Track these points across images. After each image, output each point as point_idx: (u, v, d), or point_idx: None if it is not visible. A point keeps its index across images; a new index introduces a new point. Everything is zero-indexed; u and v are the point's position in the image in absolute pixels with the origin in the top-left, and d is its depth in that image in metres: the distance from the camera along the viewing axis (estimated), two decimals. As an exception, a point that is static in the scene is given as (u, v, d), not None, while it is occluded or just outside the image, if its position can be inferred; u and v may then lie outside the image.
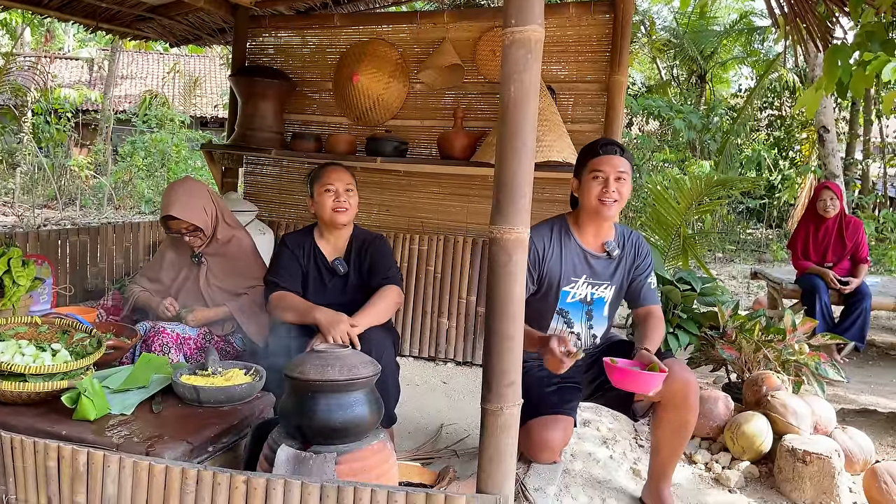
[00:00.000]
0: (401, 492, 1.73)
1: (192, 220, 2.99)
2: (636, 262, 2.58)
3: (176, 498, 1.85)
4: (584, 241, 2.54)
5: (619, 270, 2.56)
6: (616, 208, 2.43)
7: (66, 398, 2.19)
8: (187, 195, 3.04)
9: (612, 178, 2.40)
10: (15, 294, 3.11)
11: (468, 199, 4.46)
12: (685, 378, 2.35)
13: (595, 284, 2.55)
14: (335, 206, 2.87)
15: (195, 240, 3.06)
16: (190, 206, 3.00)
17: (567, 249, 2.52)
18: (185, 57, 20.12)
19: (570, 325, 2.58)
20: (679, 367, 2.37)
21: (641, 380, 2.24)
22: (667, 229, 5.62)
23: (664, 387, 2.31)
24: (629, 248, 2.58)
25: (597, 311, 2.58)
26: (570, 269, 2.52)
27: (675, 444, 2.46)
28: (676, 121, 11.46)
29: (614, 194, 2.40)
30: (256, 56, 4.93)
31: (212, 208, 3.10)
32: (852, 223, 5.24)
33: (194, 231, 3.03)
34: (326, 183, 2.88)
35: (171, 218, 2.99)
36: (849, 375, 3.77)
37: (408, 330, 4.37)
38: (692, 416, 2.40)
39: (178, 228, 3.02)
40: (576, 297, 2.55)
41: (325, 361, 2.02)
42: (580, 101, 4.17)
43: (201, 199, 3.06)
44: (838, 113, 13.42)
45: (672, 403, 2.37)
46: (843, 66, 2.82)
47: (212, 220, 3.09)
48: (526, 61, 1.64)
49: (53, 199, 12.06)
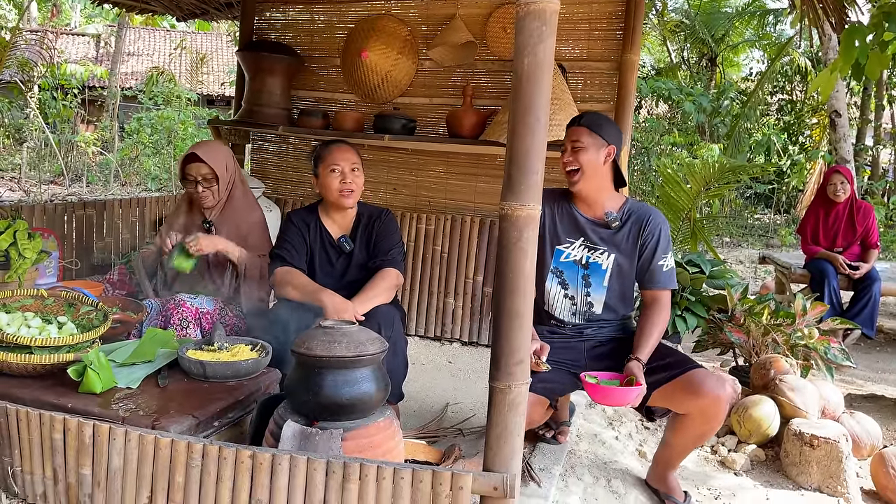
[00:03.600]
0: (407, 468, 1.72)
1: (213, 165, 2.95)
2: (643, 236, 2.48)
3: (181, 472, 1.85)
4: (581, 208, 2.52)
5: (619, 239, 2.48)
6: (578, 177, 2.44)
7: (71, 371, 2.19)
8: (214, 147, 3.08)
9: (569, 148, 2.45)
10: (21, 266, 3.11)
11: (476, 178, 4.43)
12: (717, 395, 2.25)
13: (592, 248, 2.49)
14: (341, 188, 2.82)
15: (207, 194, 2.99)
16: (214, 154, 2.99)
17: (562, 211, 2.53)
18: (191, 34, 20.02)
19: (566, 286, 2.52)
20: (708, 380, 2.27)
21: (617, 395, 2.24)
22: (676, 212, 5.57)
23: (693, 400, 2.27)
24: (633, 220, 2.48)
25: (594, 277, 2.50)
26: (565, 229, 2.51)
27: (689, 447, 2.45)
28: (686, 104, 11.35)
29: (572, 163, 2.44)
30: (264, 31, 4.88)
31: (233, 169, 3.08)
32: (863, 208, 5.18)
33: (210, 181, 2.98)
34: (332, 163, 2.82)
35: (192, 161, 2.95)
36: (856, 361, 3.75)
37: (414, 309, 4.35)
38: (716, 427, 2.33)
39: (196, 175, 2.96)
40: (570, 257, 2.51)
41: (332, 337, 2.01)
42: (591, 81, 4.11)
43: (226, 155, 3.07)
44: (850, 98, 13.27)
45: (700, 418, 2.31)
46: (861, 46, 2.77)
47: (230, 179, 3.05)
48: (541, 33, 1.60)
49: (60, 175, 12.06)
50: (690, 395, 2.27)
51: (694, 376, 2.29)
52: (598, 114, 2.51)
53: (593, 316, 2.54)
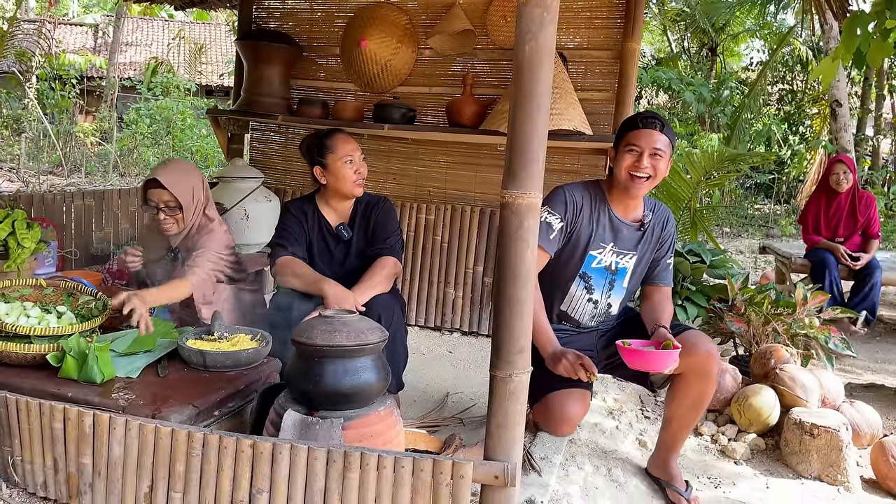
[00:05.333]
0: (408, 457, 1.72)
1: (176, 194, 2.74)
2: (662, 236, 2.52)
3: (182, 461, 1.85)
4: (617, 210, 2.49)
5: (643, 242, 2.50)
6: (647, 185, 2.37)
7: (51, 357, 2.19)
8: (181, 171, 2.83)
9: (646, 154, 2.34)
10: (19, 256, 3.10)
11: (476, 168, 4.41)
12: (708, 349, 2.31)
13: (620, 253, 2.50)
14: (356, 178, 2.84)
15: (170, 222, 2.80)
16: (180, 181, 2.77)
17: (599, 213, 2.47)
18: (190, 24, 19.93)
19: (591, 290, 2.52)
20: (701, 338, 2.33)
21: (656, 359, 2.20)
22: (676, 202, 5.56)
23: (685, 358, 2.28)
24: (657, 220, 2.51)
25: (619, 281, 2.53)
26: (599, 234, 2.47)
27: (689, 417, 2.44)
28: (686, 94, 11.30)
29: (647, 170, 2.34)
30: (263, 20, 4.85)
31: (200, 194, 2.85)
32: (865, 197, 5.17)
33: (174, 209, 2.78)
34: (345, 154, 2.82)
35: (154, 186, 2.76)
36: (857, 351, 3.75)
37: (414, 299, 4.35)
38: (711, 387, 2.36)
39: (158, 201, 2.77)
40: (601, 262, 2.50)
41: (333, 327, 2.00)
42: (592, 70, 4.09)
43: (194, 180, 2.83)
44: (850, 88, 13.23)
45: (694, 374, 2.33)
46: (863, 34, 2.75)
47: (195, 208, 2.84)
48: (542, 20, 1.59)
49: (59, 165, 12.03)
50: (685, 352, 2.29)
51: (686, 336, 2.33)
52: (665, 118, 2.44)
53: (609, 317, 2.60)
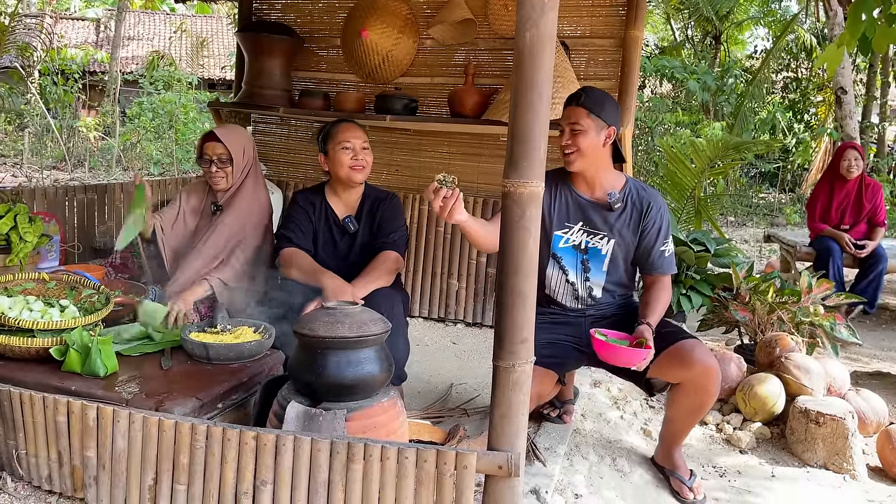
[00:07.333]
0: (411, 448, 1.72)
1: (229, 147, 2.97)
2: (642, 220, 2.45)
3: (186, 453, 1.85)
4: (580, 189, 2.48)
5: (619, 223, 2.45)
6: (575, 159, 2.39)
7: (54, 350, 2.19)
8: (235, 130, 3.13)
9: (567, 130, 2.40)
10: (22, 250, 3.09)
11: (479, 158, 4.39)
12: (706, 364, 2.26)
13: (591, 233, 2.46)
14: (353, 163, 2.84)
15: (220, 175, 3.00)
16: (233, 136, 3.03)
17: (561, 194, 2.48)
18: (191, 17, 19.89)
19: (565, 271, 2.49)
20: (698, 351, 2.28)
21: (623, 354, 2.20)
22: (681, 191, 5.54)
23: (683, 371, 2.27)
24: (634, 203, 2.45)
25: (594, 262, 2.48)
26: (563, 214, 2.47)
27: (689, 420, 2.43)
28: (690, 82, 11.23)
29: (570, 146, 2.38)
30: (264, 12, 4.82)
31: (251, 154, 3.10)
32: (872, 185, 5.14)
33: (225, 162, 2.99)
34: (343, 140, 2.84)
35: (210, 140, 2.99)
36: (862, 339, 3.73)
37: (418, 291, 4.34)
38: (710, 400, 2.34)
39: (212, 154, 2.98)
40: (569, 242, 2.47)
41: (335, 318, 2.00)
42: (594, 58, 4.05)
43: (245, 140, 3.11)
44: (855, 75, 13.14)
45: (692, 388, 2.30)
46: (868, 20, 2.73)
47: (246, 164, 3.06)
48: (542, 6, 1.57)
49: (62, 160, 12.04)
50: (680, 365, 2.28)
51: (682, 347, 2.29)
52: (597, 91, 2.43)
53: (594, 300, 2.54)
